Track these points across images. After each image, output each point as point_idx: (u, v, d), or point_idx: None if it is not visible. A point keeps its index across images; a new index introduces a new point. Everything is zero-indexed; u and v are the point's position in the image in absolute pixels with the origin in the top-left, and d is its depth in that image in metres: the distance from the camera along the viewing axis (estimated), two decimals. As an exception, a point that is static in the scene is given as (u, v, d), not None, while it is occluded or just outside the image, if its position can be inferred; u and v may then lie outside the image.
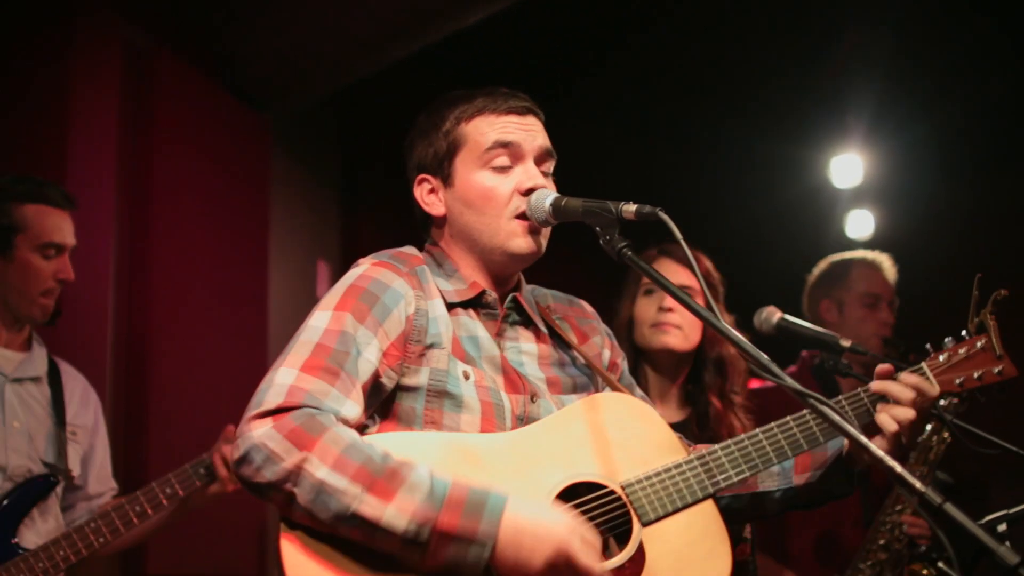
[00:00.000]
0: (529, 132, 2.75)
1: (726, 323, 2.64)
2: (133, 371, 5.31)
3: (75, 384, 4.15)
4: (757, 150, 6.85)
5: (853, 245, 7.49)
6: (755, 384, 4.56)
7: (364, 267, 2.68)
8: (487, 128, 2.74)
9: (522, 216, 2.71)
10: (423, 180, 2.81)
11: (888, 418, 2.63)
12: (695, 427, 3.92)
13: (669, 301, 3.90)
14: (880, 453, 2.14)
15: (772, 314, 3.62)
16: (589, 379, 2.85)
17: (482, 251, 2.76)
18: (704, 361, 3.98)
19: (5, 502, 3.81)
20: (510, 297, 2.79)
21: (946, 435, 4.23)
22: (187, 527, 4.36)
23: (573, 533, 2.35)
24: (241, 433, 2.37)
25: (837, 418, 2.22)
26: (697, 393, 3.98)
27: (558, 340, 2.86)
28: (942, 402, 3.84)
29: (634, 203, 2.55)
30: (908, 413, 2.62)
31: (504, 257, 2.75)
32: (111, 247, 5.24)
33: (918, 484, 2.04)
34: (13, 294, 3.94)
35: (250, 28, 5.88)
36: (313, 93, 6.26)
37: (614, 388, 2.84)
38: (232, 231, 5.92)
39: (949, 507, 1.99)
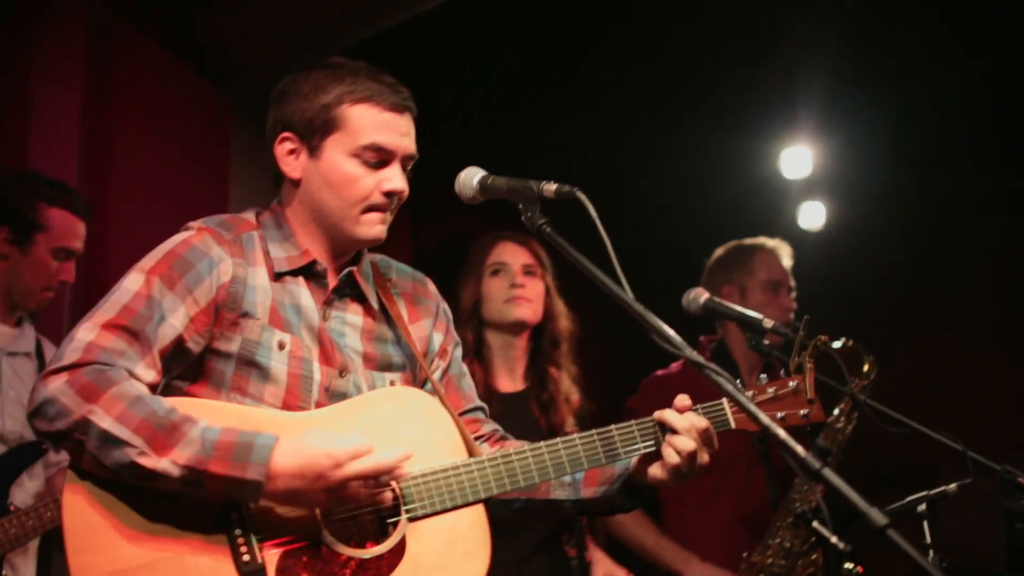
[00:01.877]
0: (404, 136, 2.82)
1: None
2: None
3: None
4: (707, 142, 6.84)
5: (806, 236, 7.62)
6: (659, 373, 4.74)
7: (189, 233, 2.77)
8: (368, 121, 2.78)
9: (375, 208, 2.79)
10: (286, 139, 2.83)
11: (670, 449, 2.71)
12: (536, 396, 4.23)
13: (519, 279, 4.21)
14: (767, 420, 2.23)
15: (700, 295, 3.70)
16: (408, 360, 2.93)
17: (327, 228, 2.83)
18: (542, 333, 4.29)
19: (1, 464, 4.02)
20: (346, 271, 2.86)
21: (854, 416, 4.36)
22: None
23: (332, 456, 2.48)
24: (37, 387, 2.51)
25: (730, 388, 2.32)
26: (538, 362, 4.28)
27: (387, 317, 2.93)
28: (856, 383, 4.02)
29: (554, 183, 2.64)
30: (688, 444, 2.69)
31: (349, 241, 2.85)
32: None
33: (799, 449, 2.12)
34: (19, 284, 4.21)
35: (212, 4, 5.87)
36: (275, 70, 6.23)
37: (427, 374, 2.92)
38: (192, 207, 5.68)
39: (827, 471, 2.07)
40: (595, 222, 2.54)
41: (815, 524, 2.13)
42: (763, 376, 2.92)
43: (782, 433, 2.18)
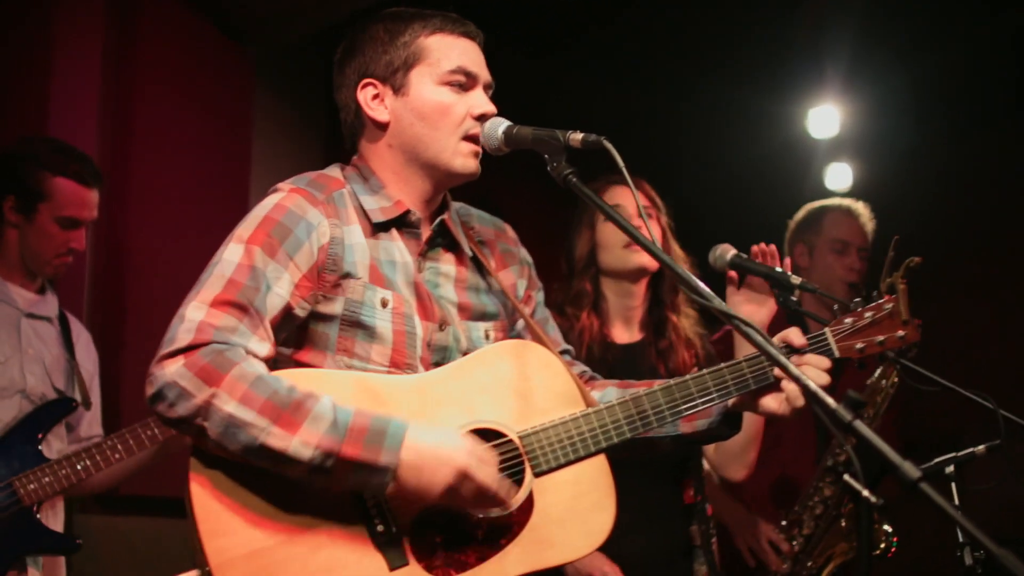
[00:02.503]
0: (482, 61, 2.85)
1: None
2: (111, 310, 5.39)
3: (81, 333, 4.44)
4: (734, 102, 6.83)
5: (831, 196, 7.55)
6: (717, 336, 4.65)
7: (280, 195, 2.74)
8: (448, 47, 2.80)
9: (471, 139, 2.78)
10: (368, 84, 2.82)
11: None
12: (654, 343, 4.05)
13: (636, 222, 3.90)
14: (796, 371, 2.19)
15: (726, 251, 3.59)
16: (501, 307, 2.92)
17: (423, 164, 2.81)
18: (660, 279, 4.07)
19: (33, 415, 4.10)
20: (437, 220, 2.84)
21: (895, 379, 4.32)
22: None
23: (471, 455, 2.48)
24: (153, 372, 2.47)
25: (759, 339, 2.28)
26: (657, 310, 4.08)
27: (477, 264, 2.92)
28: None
29: (580, 132, 2.62)
30: (823, 378, 2.67)
31: (443, 175, 2.82)
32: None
33: (830, 401, 2.09)
34: (29, 252, 4.24)
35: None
36: (298, 28, 6.20)
37: (524, 319, 2.91)
38: (214, 167, 5.91)
39: (858, 424, 2.04)
40: (622, 171, 2.51)
41: (846, 477, 2.08)
42: (857, 300, 2.88)
43: (812, 384, 2.14)
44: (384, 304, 2.69)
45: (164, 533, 5.04)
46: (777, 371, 2.71)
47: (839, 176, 7.87)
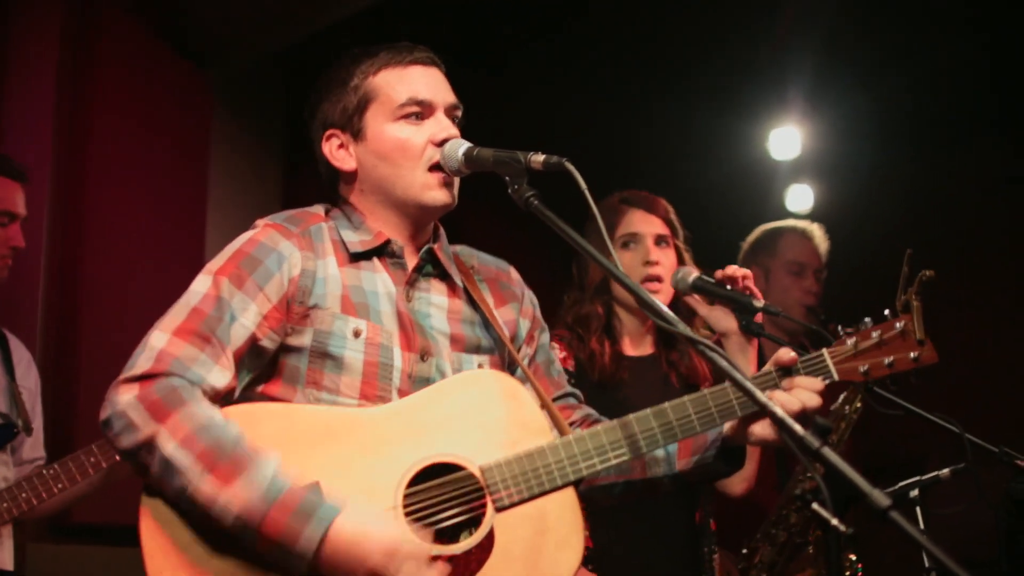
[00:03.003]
0: (437, 85, 2.83)
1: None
2: (64, 335, 5.30)
3: (21, 352, 4.33)
4: (694, 123, 6.81)
5: (793, 218, 7.54)
6: None
7: (255, 231, 2.74)
8: (396, 82, 2.78)
9: (436, 167, 2.75)
10: (331, 136, 2.83)
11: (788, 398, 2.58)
12: (664, 363, 3.99)
13: (653, 255, 3.92)
14: (763, 398, 2.15)
15: (688, 273, 3.62)
16: (496, 344, 2.87)
17: (396, 203, 2.79)
18: (676, 303, 3.95)
19: None
20: (425, 248, 2.82)
21: (859, 404, 4.28)
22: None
23: (392, 557, 2.38)
24: (109, 396, 2.46)
25: (723, 362, 2.22)
26: (670, 335, 3.96)
27: (472, 300, 2.87)
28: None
29: (542, 154, 2.58)
30: (814, 400, 2.58)
31: (418, 209, 2.79)
32: (45, 206, 5.20)
33: (797, 428, 2.04)
34: None
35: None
36: (257, 49, 6.17)
37: (514, 359, 2.85)
38: (170, 190, 5.85)
39: (826, 451, 1.99)
40: (584, 193, 2.49)
41: (815, 506, 2.03)
42: (867, 320, 2.74)
43: (779, 411, 2.10)
44: (357, 334, 2.66)
45: (118, 562, 4.94)
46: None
47: (800, 197, 7.85)
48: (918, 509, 3.31)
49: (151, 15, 5.81)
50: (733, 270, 3.54)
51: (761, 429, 2.66)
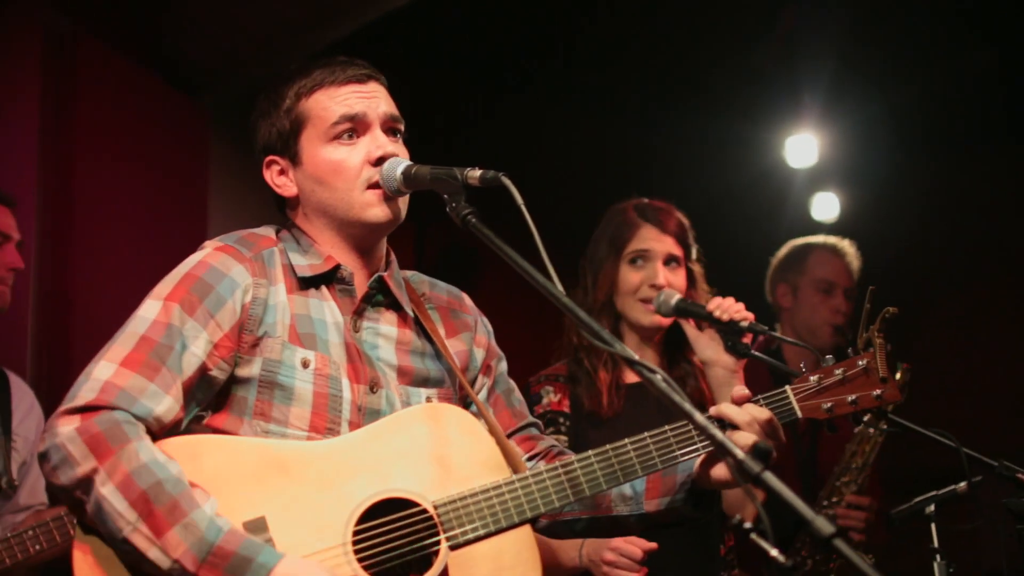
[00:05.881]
0: (373, 99, 2.74)
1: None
2: (55, 372, 5.18)
3: (22, 395, 4.26)
4: (709, 131, 6.75)
5: (818, 228, 7.37)
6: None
7: (204, 252, 2.63)
8: (329, 101, 2.70)
9: (375, 185, 2.66)
10: (271, 162, 2.77)
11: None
12: (667, 373, 3.85)
13: (660, 277, 3.84)
14: (703, 421, 2.08)
15: (671, 296, 3.62)
16: (447, 376, 2.78)
17: (340, 225, 2.71)
18: (677, 328, 3.90)
19: None
20: (375, 276, 2.72)
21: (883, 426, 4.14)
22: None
23: None
24: (49, 427, 2.36)
25: (663, 385, 2.15)
26: (676, 354, 3.94)
27: (423, 330, 2.79)
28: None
29: (479, 168, 2.51)
30: (750, 439, 2.53)
31: (362, 229, 2.71)
32: (32, 258, 5.00)
33: (738, 452, 1.97)
34: None
35: (179, 10, 5.71)
36: (251, 75, 6.06)
37: (468, 392, 2.77)
38: (167, 224, 5.74)
39: (768, 475, 1.91)
40: (520, 208, 2.40)
41: (754, 536, 1.90)
42: (829, 357, 2.73)
43: (719, 435, 2.04)
44: (305, 364, 2.60)
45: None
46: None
47: (826, 206, 7.73)
48: (933, 526, 3.21)
49: (135, 46, 5.71)
50: (728, 304, 3.53)
51: (719, 471, 2.59)
